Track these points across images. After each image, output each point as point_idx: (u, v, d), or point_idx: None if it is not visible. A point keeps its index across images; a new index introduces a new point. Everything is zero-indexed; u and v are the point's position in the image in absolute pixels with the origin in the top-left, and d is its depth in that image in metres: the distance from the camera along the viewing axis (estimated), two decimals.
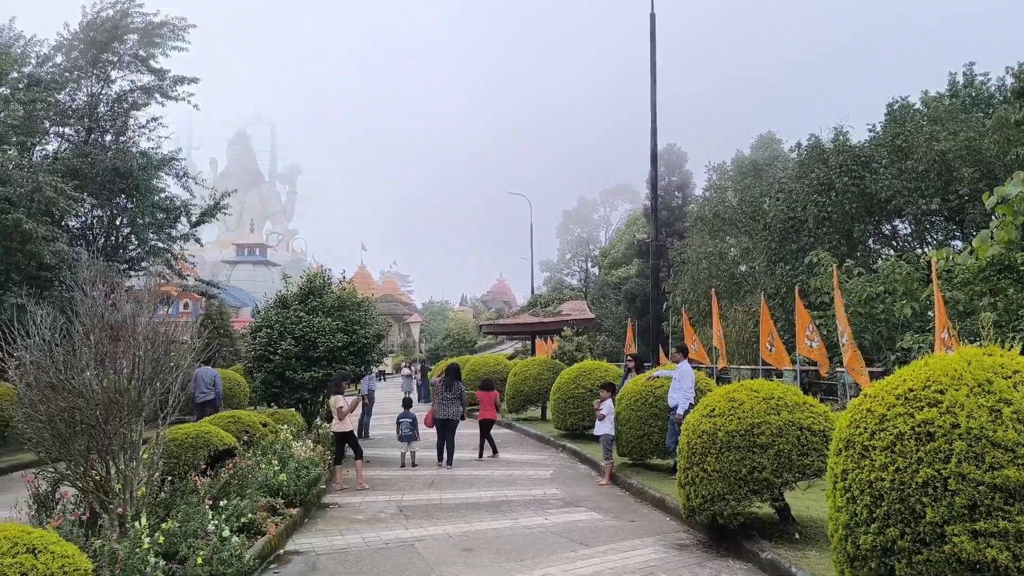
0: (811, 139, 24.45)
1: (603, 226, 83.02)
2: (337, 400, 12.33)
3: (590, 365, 16.86)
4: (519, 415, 21.41)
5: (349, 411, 12.44)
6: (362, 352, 15.57)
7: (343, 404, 12.32)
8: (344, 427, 12.39)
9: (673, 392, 11.61)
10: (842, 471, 4.76)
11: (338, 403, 12.27)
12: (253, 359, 15.06)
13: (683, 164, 41.78)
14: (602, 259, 55.61)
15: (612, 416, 12.50)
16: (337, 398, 12.36)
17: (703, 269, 29.65)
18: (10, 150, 24.19)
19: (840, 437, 4.91)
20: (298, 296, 15.75)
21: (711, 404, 8.42)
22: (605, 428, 12.46)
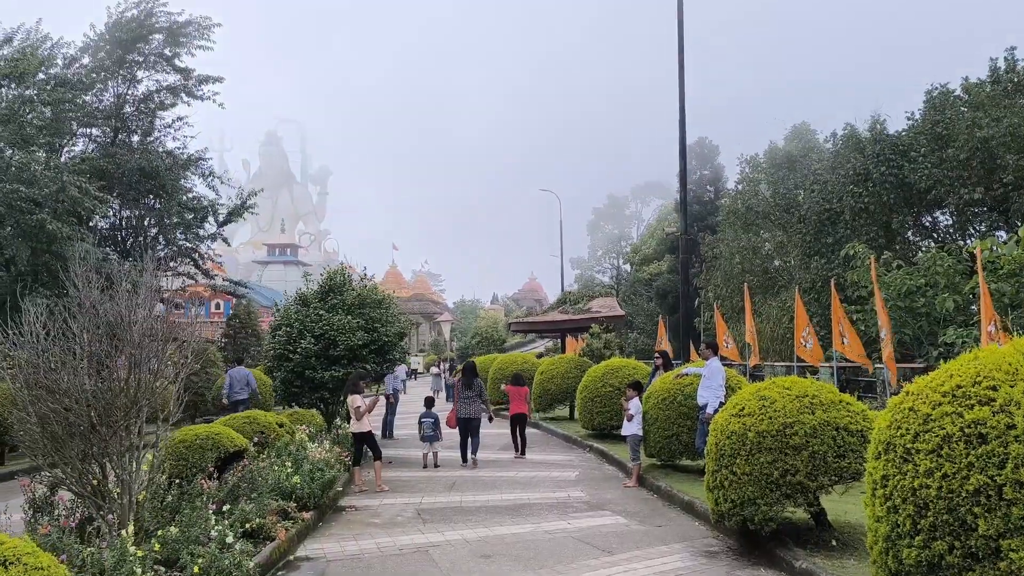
0: (847, 128, 23.69)
1: (635, 222, 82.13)
2: (355, 400, 12.04)
3: (617, 363, 16.40)
4: (546, 414, 21.01)
5: (367, 411, 12.15)
6: (383, 351, 15.27)
7: (361, 404, 12.02)
8: (362, 427, 12.09)
9: (702, 390, 11.13)
10: (882, 477, 4.29)
11: (356, 403, 11.98)
12: (273, 358, 14.83)
13: (715, 158, 40.98)
14: (633, 255, 54.86)
15: (640, 416, 12.05)
16: (355, 398, 12.07)
17: (736, 264, 28.95)
18: (39, 151, 24.35)
19: (879, 439, 4.44)
20: (318, 294, 15.49)
21: (740, 403, 7.94)
22: (632, 428, 12.01)
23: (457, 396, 14.96)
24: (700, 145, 41.05)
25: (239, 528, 7.45)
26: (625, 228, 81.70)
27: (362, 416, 12.01)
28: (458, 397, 14.84)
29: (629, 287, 55.25)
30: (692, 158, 41.56)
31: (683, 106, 18.05)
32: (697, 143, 41.03)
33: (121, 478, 6.50)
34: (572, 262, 75.30)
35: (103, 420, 6.25)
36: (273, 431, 11.40)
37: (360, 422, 12.05)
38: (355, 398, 12.07)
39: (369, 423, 12.32)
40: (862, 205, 21.52)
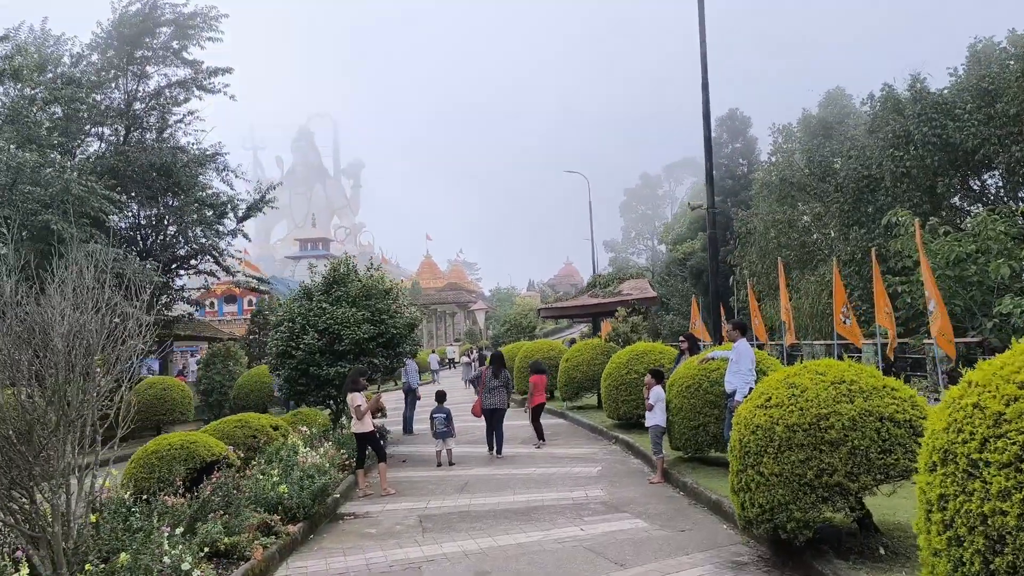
0: (884, 89, 22.18)
1: (668, 202, 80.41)
2: (354, 398, 11.21)
3: (643, 348, 15.37)
4: (573, 403, 20.05)
5: (368, 410, 11.34)
6: (392, 343, 14.47)
7: (361, 402, 11.19)
8: (363, 427, 11.25)
9: (730, 376, 10.08)
10: (939, 497, 3.27)
11: (355, 401, 11.17)
12: (276, 355, 14.11)
13: (746, 130, 39.32)
14: (666, 235, 53.42)
15: (662, 405, 11.05)
16: (354, 396, 11.24)
17: (771, 239, 27.57)
18: (52, 153, 23.99)
19: (935, 446, 3.41)
20: (322, 286, 14.72)
21: (767, 391, 6.92)
22: (654, 419, 11.03)
23: (483, 385, 14.34)
24: (731, 117, 39.46)
25: (203, 550, 6.65)
26: (659, 208, 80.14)
27: (363, 415, 11.20)
28: (484, 387, 14.24)
29: (664, 268, 53.88)
30: (723, 131, 40.10)
31: (705, 68, 16.86)
32: (728, 115, 39.47)
33: (53, 504, 5.71)
34: (606, 245, 74.16)
35: (22, 439, 5.45)
36: (266, 435, 10.62)
37: (361, 422, 11.23)
38: (355, 396, 11.23)
39: (372, 423, 11.50)
40: (903, 169, 20.09)
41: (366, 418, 11.25)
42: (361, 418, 11.20)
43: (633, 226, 77.59)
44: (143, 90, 26.38)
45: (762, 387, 7.09)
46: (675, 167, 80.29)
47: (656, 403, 11.04)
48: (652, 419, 11.07)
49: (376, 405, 11.77)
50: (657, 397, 11.12)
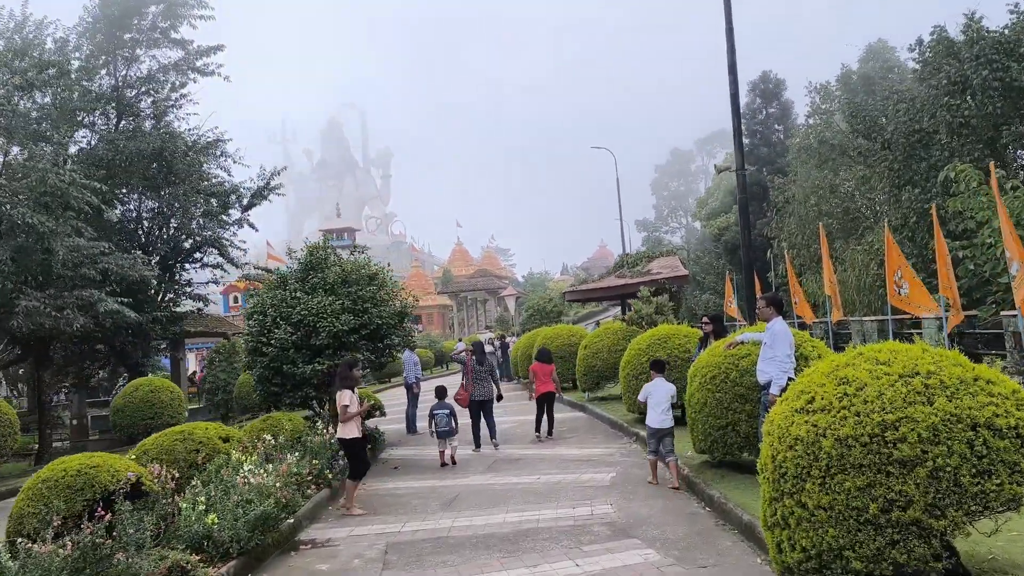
0: (935, 32, 19.80)
1: (702, 177, 77.57)
2: (343, 396, 9.48)
3: (666, 331, 13.48)
4: (594, 394, 18.24)
5: (358, 415, 9.61)
6: (378, 335, 12.79)
7: (349, 402, 9.47)
8: (348, 432, 9.54)
9: (763, 363, 8.20)
10: None
11: (343, 400, 9.44)
12: (248, 352, 12.53)
13: (781, 93, 36.78)
14: (699, 210, 51.01)
15: (659, 401, 9.32)
16: (343, 394, 9.52)
17: (811, 207, 25.31)
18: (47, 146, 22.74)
19: None
20: (298, 273, 13.09)
21: (809, 389, 5.05)
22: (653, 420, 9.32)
23: (470, 376, 13.24)
24: (764, 80, 36.94)
25: None
26: (692, 184, 77.38)
27: (349, 418, 9.47)
28: (471, 377, 13.22)
29: (699, 245, 51.58)
30: (755, 95, 37.67)
31: (729, 11, 14.82)
32: (760, 78, 36.97)
33: None
34: (638, 224, 71.73)
35: None
36: (214, 448, 9.00)
37: (346, 425, 9.51)
38: (343, 394, 9.50)
39: (359, 427, 9.74)
40: (961, 119, 17.78)
41: (352, 423, 9.49)
42: (346, 421, 9.45)
43: (665, 204, 75.05)
44: (133, 75, 24.99)
45: (802, 383, 5.22)
46: (707, 140, 77.40)
47: (649, 399, 9.40)
48: (652, 418, 9.37)
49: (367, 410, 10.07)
50: (646, 394, 9.50)
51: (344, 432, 9.57)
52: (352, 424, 9.55)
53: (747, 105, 37.10)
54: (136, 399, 17.63)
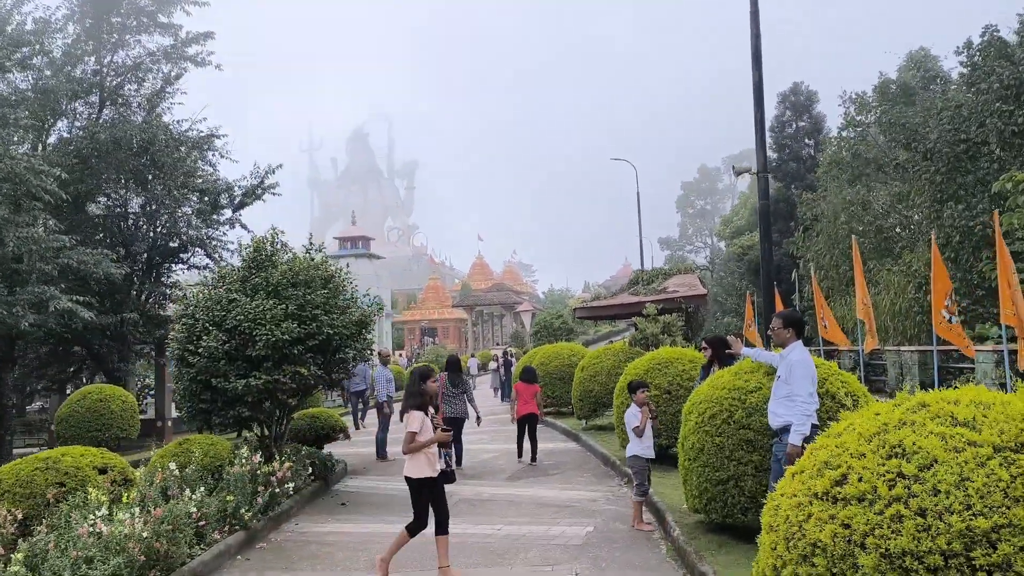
0: (986, 33, 17.80)
1: (729, 196, 75.17)
2: (412, 419, 6.98)
3: (667, 354, 11.55)
4: (591, 422, 16.27)
5: (428, 444, 6.99)
6: (330, 348, 10.97)
7: (417, 428, 6.94)
8: (418, 470, 6.97)
9: (777, 404, 6.29)
10: None
11: (412, 424, 6.96)
12: (175, 361, 10.78)
13: (813, 106, 34.70)
14: (723, 229, 48.91)
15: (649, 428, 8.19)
16: (413, 416, 7.00)
17: (842, 224, 23.22)
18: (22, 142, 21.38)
19: None
20: (239, 272, 11.34)
21: (838, 460, 3.14)
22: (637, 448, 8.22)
23: (442, 396, 12.07)
24: (795, 92, 34.85)
25: None
26: (718, 203, 75.07)
27: (417, 449, 6.93)
28: (443, 396, 12.09)
29: (723, 265, 49.45)
30: (785, 107, 35.66)
31: None
32: (791, 90, 34.89)
33: None
34: (662, 242, 69.63)
35: None
36: (79, 482, 7.20)
37: (413, 459, 6.96)
38: (413, 417, 7.01)
39: (433, 464, 7.03)
40: (1015, 128, 15.74)
41: (423, 456, 6.98)
42: (412, 452, 6.94)
43: (690, 222, 72.86)
44: (119, 61, 23.58)
45: (828, 449, 3.30)
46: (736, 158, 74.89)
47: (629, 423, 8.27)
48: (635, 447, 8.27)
49: (442, 438, 7.17)
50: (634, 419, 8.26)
51: (412, 469, 6.99)
52: (422, 458, 6.95)
53: (776, 118, 35.07)
54: (82, 408, 15.93)
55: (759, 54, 13.32)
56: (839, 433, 3.33)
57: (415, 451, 6.92)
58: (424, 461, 6.96)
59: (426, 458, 6.96)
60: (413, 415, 7.03)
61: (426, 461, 6.96)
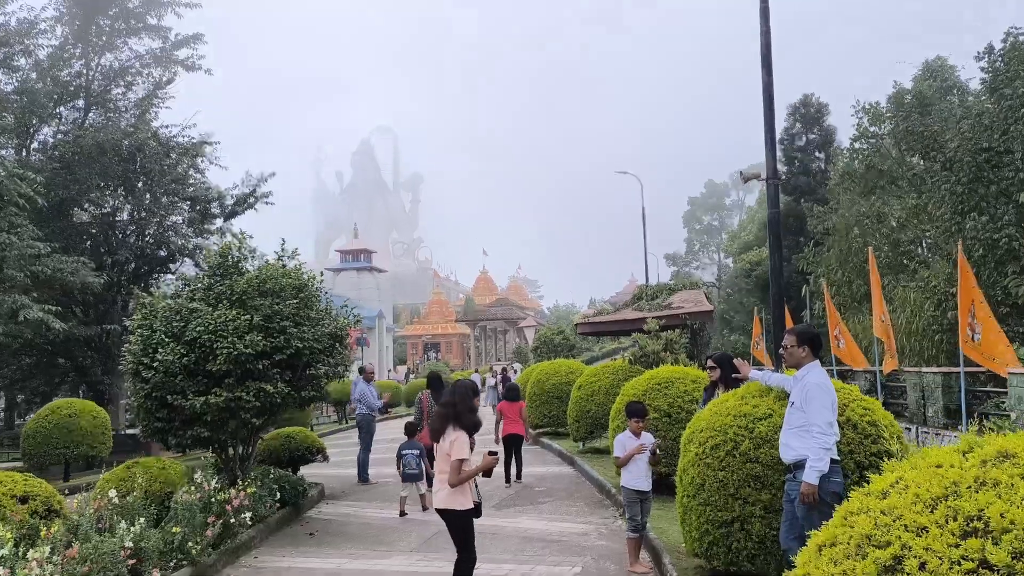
0: (1009, 37, 16.91)
1: (737, 211, 74.25)
2: (458, 444, 5.83)
3: (668, 373, 10.61)
4: (589, 443, 15.30)
5: (476, 472, 5.96)
6: (300, 363, 10.08)
7: (465, 453, 5.84)
8: (460, 501, 5.88)
9: (790, 434, 5.38)
10: None
11: (459, 450, 5.81)
12: (129, 376, 9.91)
13: (823, 119, 33.80)
14: (731, 244, 47.93)
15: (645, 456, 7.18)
16: (459, 439, 5.86)
17: (854, 238, 22.27)
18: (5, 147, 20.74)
19: None
20: (202, 280, 10.48)
21: (886, 533, 2.20)
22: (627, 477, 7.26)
23: (426, 418, 11.23)
24: (805, 104, 33.98)
25: None
26: (726, 219, 74.13)
27: (465, 480, 5.86)
28: (426, 418, 11.18)
29: (730, 282, 48.47)
30: (795, 120, 34.82)
31: None
32: (801, 101, 34.02)
33: None
34: (668, 259, 68.69)
35: None
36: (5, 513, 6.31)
37: (456, 491, 5.84)
38: (459, 440, 5.85)
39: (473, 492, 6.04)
40: None
41: (465, 486, 5.89)
42: (458, 483, 5.81)
43: (697, 238, 71.93)
44: (106, 64, 22.92)
45: (873, 515, 2.36)
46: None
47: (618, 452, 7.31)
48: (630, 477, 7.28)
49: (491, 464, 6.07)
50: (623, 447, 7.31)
51: (454, 500, 5.84)
52: (466, 489, 5.90)
53: (785, 130, 34.19)
54: (50, 424, 15.04)
55: (769, 54, 12.46)
56: (884, 492, 2.41)
57: (462, 479, 5.82)
58: (467, 491, 5.93)
59: (468, 488, 5.96)
60: (460, 437, 5.87)
61: (469, 491, 5.95)
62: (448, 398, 6.30)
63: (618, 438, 7.41)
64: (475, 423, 6.04)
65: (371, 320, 61.97)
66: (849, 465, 5.44)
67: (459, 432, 5.92)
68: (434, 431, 6.15)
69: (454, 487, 5.82)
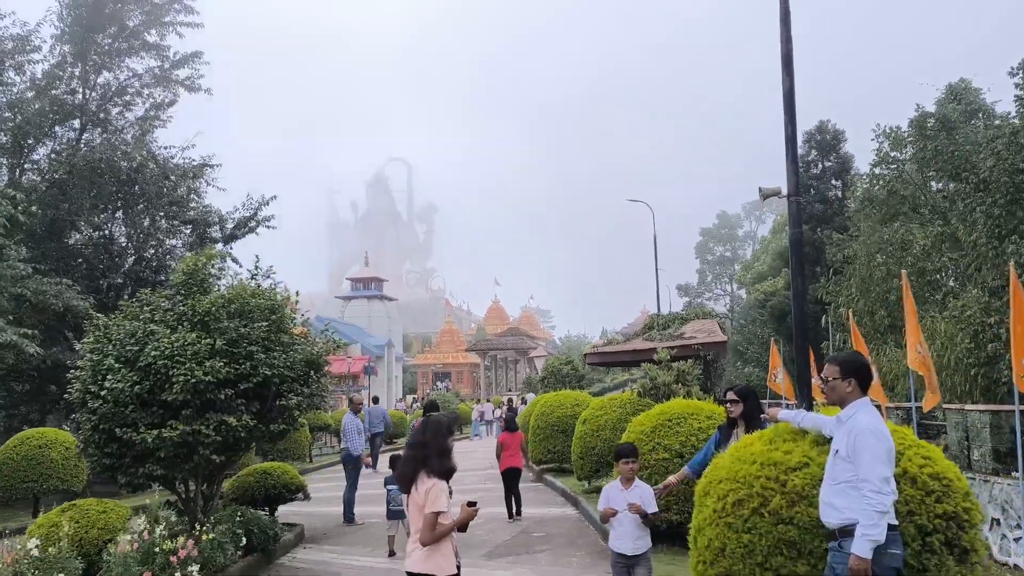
0: None
1: (749, 242, 73.20)
2: (435, 495, 4.74)
3: (681, 408, 9.52)
4: (594, 482, 14.11)
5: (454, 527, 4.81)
6: (268, 393, 9.05)
7: (444, 505, 4.74)
8: (440, 566, 4.75)
9: (833, 491, 4.32)
10: None
11: (435, 502, 4.71)
12: (77, 406, 8.91)
13: (840, 146, 32.77)
14: (744, 274, 46.76)
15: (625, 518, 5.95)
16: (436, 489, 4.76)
17: (877, 266, 21.12)
18: None
19: None
20: (161, 301, 9.49)
21: None
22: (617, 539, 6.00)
23: None
24: (820, 131, 32.98)
25: None
26: (738, 250, 73.04)
27: (441, 536, 4.74)
28: None
29: (744, 313, 47.25)
30: (811, 147, 33.83)
31: None
32: (817, 128, 33.03)
33: None
34: (680, 289, 67.50)
35: None
36: None
37: (434, 551, 4.75)
38: (436, 490, 4.75)
39: (455, 552, 4.90)
40: None
41: (446, 544, 4.81)
42: (434, 541, 4.71)
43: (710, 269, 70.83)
44: (103, 83, 22.29)
45: None
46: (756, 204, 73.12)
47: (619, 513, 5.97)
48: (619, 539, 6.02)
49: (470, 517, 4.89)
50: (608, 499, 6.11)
51: (429, 563, 4.75)
52: (447, 547, 4.81)
53: (801, 157, 32.99)
54: (18, 456, 14.05)
55: (790, 58, 11.46)
56: None
57: (439, 539, 4.71)
58: (449, 550, 4.80)
59: (450, 546, 4.83)
60: (438, 487, 4.73)
61: (451, 550, 4.83)
62: (418, 437, 5.19)
63: (605, 489, 6.25)
64: (446, 469, 4.95)
65: (380, 348, 60.96)
66: (909, 531, 4.35)
67: (434, 479, 4.83)
68: (403, 478, 5.02)
69: (426, 546, 4.73)
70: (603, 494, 6.19)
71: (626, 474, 6.16)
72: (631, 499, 5.97)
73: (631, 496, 6.02)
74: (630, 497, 6.00)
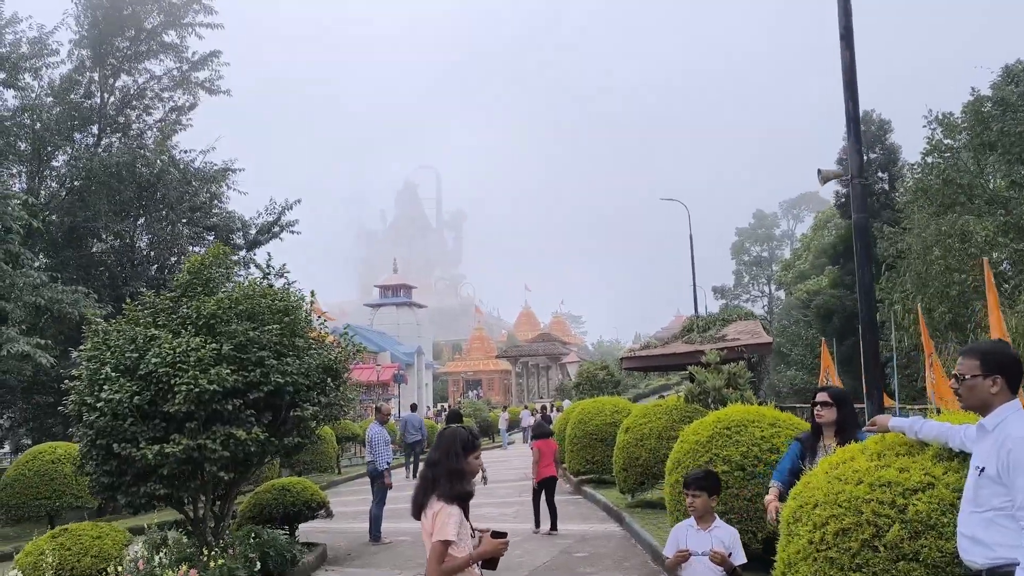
0: None
1: (787, 242, 71.48)
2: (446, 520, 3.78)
3: (740, 415, 8.47)
4: (639, 495, 13.10)
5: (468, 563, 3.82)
6: (281, 403, 8.20)
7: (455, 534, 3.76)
8: None
9: (978, 518, 3.27)
10: None
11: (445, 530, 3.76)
12: (72, 419, 8.15)
13: (886, 136, 31.42)
14: (784, 274, 45.28)
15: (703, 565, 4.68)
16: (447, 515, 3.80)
17: (935, 260, 19.85)
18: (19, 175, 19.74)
19: None
20: (166, 302, 8.70)
21: None
22: None
23: None
24: (866, 121, 31.64)
25: None
26: (776, 250, 71.30)
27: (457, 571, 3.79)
28: None
29: (784, 314, 45.78)
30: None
31: None
32: (862, 118, 31.65)
33: None
34: (716, 291, 66.04)
35: None
36: None
37: None
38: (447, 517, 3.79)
39: None
40: None
41: None
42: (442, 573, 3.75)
43: (746, 270, 69.26)
44: (122, 87, 21.84)
45: None
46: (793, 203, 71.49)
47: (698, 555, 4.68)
48: None
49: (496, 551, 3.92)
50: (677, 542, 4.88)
51: None
52: None
53: (843, 149, 31.87)
54: (30, 472, 13.42)
55: (850, 29, 10.45)
56: None
57: (450, 572, 3.80)
58: None
59: None
60: (446, 512, 3.83)
61: None
62: (431, 454, 4.21)
63: (675, 529, 5.00)
64: (457, 493, 3.96)
65: (410, 356, 60.29)
66: None
67: (443, 503, 3.90)
68: (414, 503, 4.07)
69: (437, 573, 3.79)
70: (671, 536, 4.95)
71: (699, 510, 4.86)
72: (713, 544, 4.70)
73: (711, 540, 4.75)
74: (711, 541, 4.73)
